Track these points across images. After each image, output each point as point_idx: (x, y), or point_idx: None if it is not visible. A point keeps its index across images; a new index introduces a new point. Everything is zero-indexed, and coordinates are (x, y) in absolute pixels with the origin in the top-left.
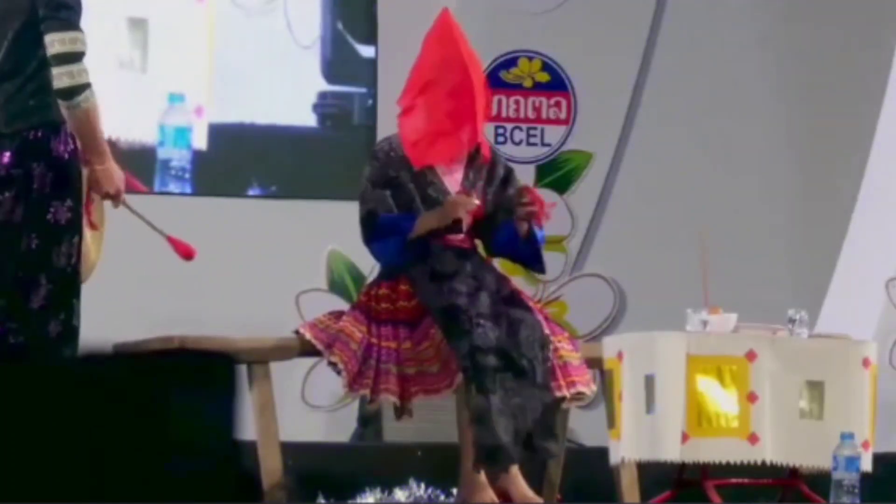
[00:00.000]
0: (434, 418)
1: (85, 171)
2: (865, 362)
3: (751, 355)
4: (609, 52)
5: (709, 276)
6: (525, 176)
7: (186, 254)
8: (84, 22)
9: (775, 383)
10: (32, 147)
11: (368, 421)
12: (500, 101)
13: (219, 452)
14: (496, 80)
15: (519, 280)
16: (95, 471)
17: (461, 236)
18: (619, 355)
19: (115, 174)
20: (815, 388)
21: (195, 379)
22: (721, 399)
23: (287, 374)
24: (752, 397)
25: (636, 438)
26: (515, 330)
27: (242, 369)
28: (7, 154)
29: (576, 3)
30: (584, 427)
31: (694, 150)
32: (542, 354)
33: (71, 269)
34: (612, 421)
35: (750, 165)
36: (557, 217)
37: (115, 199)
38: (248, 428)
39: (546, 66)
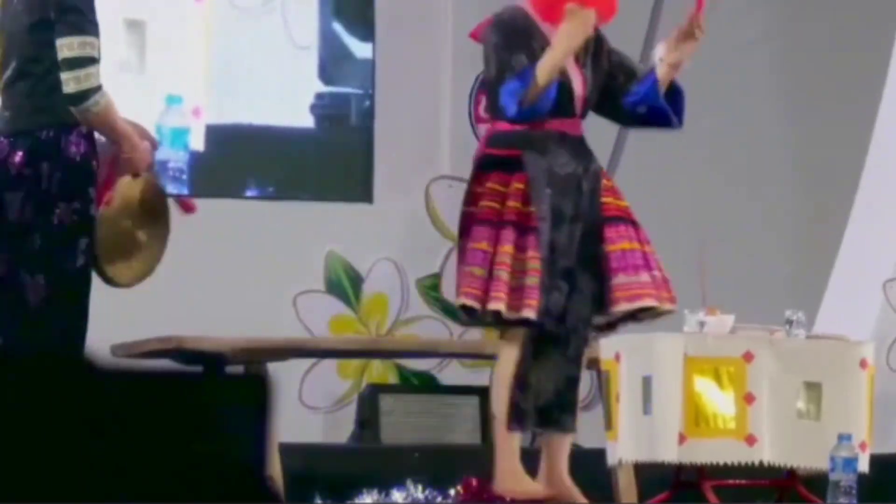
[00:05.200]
0: (431, 419)
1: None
2: (863, 363)
3: (748, 356)
4: None
5: (706, 277)
6: None
7: (188, 208)
8: None
9: (773, 384)
10: (44, 147)
11: (366, 422)
12: None
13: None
14: None
15: None
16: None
17: (575, 121)
18: (617, 356)
19: (143, 158)
20: (813, 389)
21: (225, 400)
22: (718, 400)
23: (284, 375)
24: (749, 398)
25: (633, 439)
26: (569, 296)
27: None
28: (19, 153)
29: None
30: (581, 428)
31: (692, 152)
32: (581, 327)
33: (74, 271)
34: (609, 422)
35: (747, 166)
36: None
37: (139, 173)
38: None
39: None
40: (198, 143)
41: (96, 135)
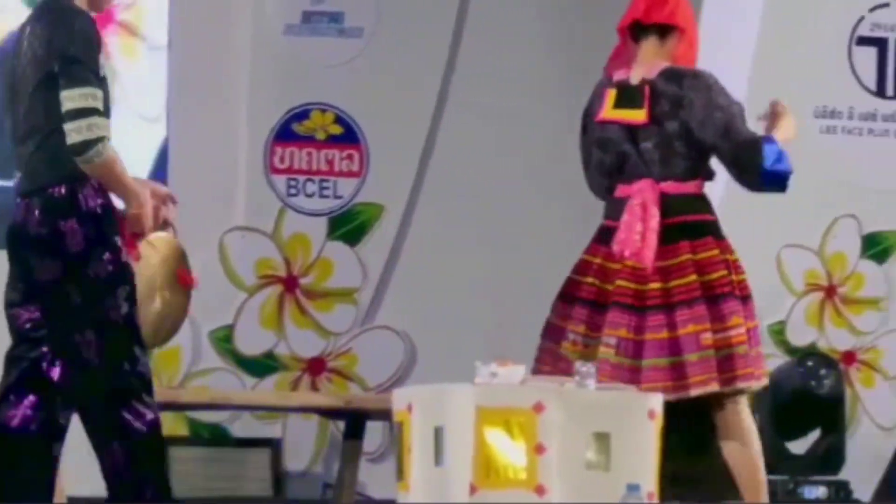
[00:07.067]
0: (223, 471)
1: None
2: (651, 414)
3: (538, 407)
4: (401, 105)
5: (499, 328)
6: (317, 228)
7: (186, 283)
8: None
9: (563, 435)
10: (59, 204)
11: None
12: (292, 154)
13: None
14: (288, 133)
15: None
16: None
17: None
18: (409, 407)
19: (149, 216)
20: (602, 440)
21: None
22: (509, 450)
23: (74, 428)
24: (539, 449)
25: (425, 490)
26: None
27: None
28: (35, 213)
29: (368, 56)
30: (373, 479)
31: (484, 204)
32: None
33: (120, 319)
34: (401, 473)
35: (530, 217)
36: (349, 269)
37: (143, 232)
38: None
39: (339, 119)
40: None
41: None
